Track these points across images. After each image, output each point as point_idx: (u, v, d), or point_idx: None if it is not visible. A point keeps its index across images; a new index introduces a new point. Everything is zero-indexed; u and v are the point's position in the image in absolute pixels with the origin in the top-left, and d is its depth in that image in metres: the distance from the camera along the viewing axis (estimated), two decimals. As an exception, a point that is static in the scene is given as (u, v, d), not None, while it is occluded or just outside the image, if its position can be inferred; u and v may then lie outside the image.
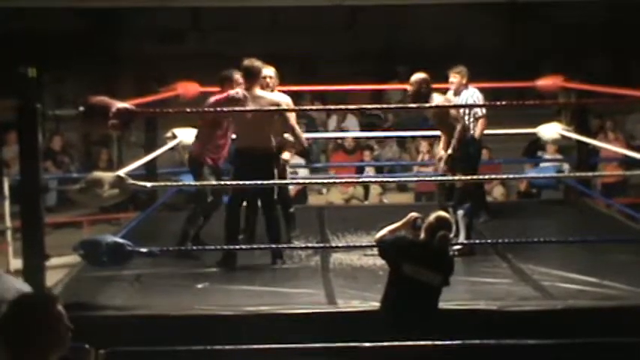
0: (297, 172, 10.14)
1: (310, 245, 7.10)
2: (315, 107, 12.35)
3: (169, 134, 7.83)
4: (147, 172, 8.15)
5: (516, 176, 10.80)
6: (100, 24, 13.71)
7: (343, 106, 10.70)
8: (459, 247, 6.47)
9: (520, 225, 7.78)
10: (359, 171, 11.97)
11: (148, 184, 6.06)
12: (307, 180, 10.91)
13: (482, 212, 7.89)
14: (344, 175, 11.48)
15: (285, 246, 6.73)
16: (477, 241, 6.64)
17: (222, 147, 6.87)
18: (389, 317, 5.00)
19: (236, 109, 6.36)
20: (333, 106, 11.02)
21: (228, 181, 6.78)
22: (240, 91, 6.48)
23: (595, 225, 7.89)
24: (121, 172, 5.68)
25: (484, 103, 7.65)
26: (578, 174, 9.38)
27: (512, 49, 14.03)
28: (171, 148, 7.93)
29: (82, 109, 5.67)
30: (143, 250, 5.61)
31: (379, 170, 12.22)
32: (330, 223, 8.00)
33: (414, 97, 6.69)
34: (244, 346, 4.70)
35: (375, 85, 12.69)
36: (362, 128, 13.35)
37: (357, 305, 5.37)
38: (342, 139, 12.61)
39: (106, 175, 5.56)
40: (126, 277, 6.10)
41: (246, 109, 6.38)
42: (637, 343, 4.77)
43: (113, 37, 13.99)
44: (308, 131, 10.67)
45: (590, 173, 9.62)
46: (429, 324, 4.86)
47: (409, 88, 6.77)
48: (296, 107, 7.28)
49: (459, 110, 7.14)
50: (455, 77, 7.66)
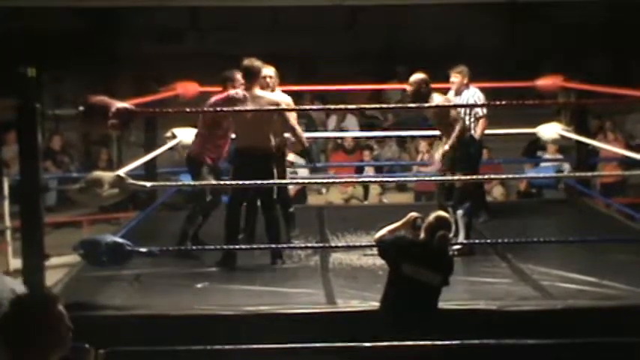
0: (297, 172, 10.14)
1: (310, 245, 7.10)
2: (315, 107, 12.34)
3: (169, 134, 7.82)
4: (146, 171, 8.15)
5: (516, 176, 10.80)
6: (98, 23, 13.69)
7: (343, 106, 10.68)
8: (459, 246, 6.46)
9: (520, 225, 7.78)
10: (358, 171, 11.97)
11: (148, 184, 6.05)
12: (307, 180, 10.90)
13: (482, 212, 7.89)
14: (343, 175, 11.47)
15: (284, 246, 6.72)
16: (477, 241, 6.64)
17: (222, 147, 6.86)
18: (388, 317, 5.00)
19: (235, 109, 6.36)
20: (332, 106, 11.00)
21: (228, 181, 6.78)
22: (240, 91, 6.48)
23: (594, 225, 7.89)
24: (121, 171, 5.68)
25: (483, 103, 7.64)
26: (578, 174, 9.38)
27: (513, 49, 14.01)
28: (171, 148, 7.93)
29: (81, 108, 5.67)
30: (143, 249, 5.61)
31: (379, 170, 12.21)
32: (329, 222, 7.99)
33: (414, 98, 6.68)
34: (244, 346, 4.70)
35: (374, 85, 12.68)
36: (361, 128, 13.35)
37: (356, 305, 5.37)
38: (342, 138, 12.61)
39: (106, 174, 5.56)
40: (125, 277, 6.10)
41: (246, 108, 6.37)
42: (637, 343, 4.77)
43: (112, 37, 13.97)
44: (307, 131, 10.66)
45: (589, 173, 9.63)
46: (429, 324, 4.86)
47: (408, 89, 6.77)
48: (296, 107, 7.25)
49: (459, 110, 7.14)
50: (456, 77, 7.65)
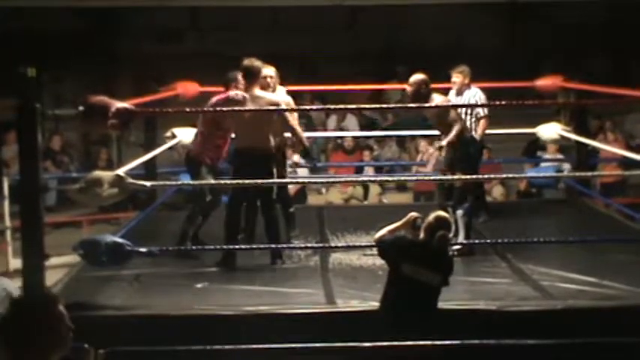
0: (297, 172, 10.13)
1: (310, 245, 7.10)
2: (315, 107, 12.35)
3: (169, 134, 7.82)
4: (146, 171, 8.16)
5: (516, 176, 10.80)
6: (99, 23, 13.70)
7: (343, 106, 10.68)
8: (459, 246, 6.46)
9: (520, 225, 7.78)
10: (358, 171, 11.97)
11: (148, 184, 6.05)
12: (307, 180, 10.90)
13: (482, 212, 7.88)
14: (343, 175, 11.46)
15: (284, 246, 6.72)
16: (477, 241, 6.64)
17: (222, 147, 6.86)
18: (388, 317, 5.00)
19: (234, 109, 6.36)
20: (332, 106, 11.00)
21: (227, 181, 6.78)
22: (239, 92, 6.48)
23: (594, 225, 7.88)
24: (121, 171, 5.67)
25: (483, 103, 7.63)
26: (577, 174, 9.38)
27: (512, 49, 14.02)
28: (171, 148, 7.93)
29: (81, 108, 5.67)
30: (142, 249, 5.60)
31: (378, 170, 12.22)
32: (329, 222, 7.99)
33: (414, 98, 6.67)
34: (244, 346, 4.70)
35: (374, 85, 12.68)
36: (361, 128, 13.35)
37: (356, 305, 5.36)
38: (342, 138, 12.61)
39: (106, 174, 5.55)
40: (125, 277, 6.10)
41: (245, 108, 6.37)
42: (637, 343, 4.77)
43: (112, 37, 13.98)
44: (307, 131, 10.67)
45: (589, 173, 9.63)
46: (429, 324, 4.86)
47: (408, 89, 6.76)
48: (296, 107, 7.25)
49: (459, 110, 7.13)
50: (457, 77, 7.65)
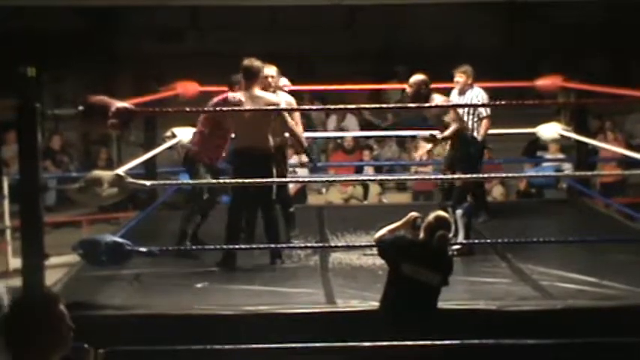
0: (297, 172, 10.13)
1: (309, 245, 7.10)
2: (315, 107, 12.35)
3: (169, 133, 7.82)
4: (146, 171, 8.16)
5: (516, 175, 10.79)
6: (99, 23, 13.70)
7: (343, 106, 10.68)
8: (458, 246, 6.46)
9: (519, 225, 7.78)
10: (358, 171, 11.97)
11: (148, 183, 6.05)
12: (307, 179, 10.90)
13: (482, 212, 7.88)
14: (343, 174, 11.46)
15: (284, 246, 6.72)
16: (477, 241, 6.64)
17: (221, 147, 6.86)
18: (388, 317, 5.00)
19: (233, 109, 6.36)
20: (332, 106, 10.99)
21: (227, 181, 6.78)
22: (238, 95, 6.48)
23: (594, 225, 7.89)
24: (121, 171, 5.67)
25: (483, 103, 7.63)
26: (577, 173, 9.38)
27: (511, 48, 14.03)
28: (171, 147, 7.93)
29: (81, 108, 5.67)
30: (142, 249, 5.60)
31: (378, 170, 12.21)
32: (329, 222, 7.99)
33: (414, 98, 6.67)
34: (244, 346, 4.71)
35: (374, 84, 12.68)
36: (361, 128, 13.35)
37: (356, 305, 5.37)
38: (342, 138, 12.61)
39: (106, 174, 5.55)
40: (125, 277, 6.10)
41: (243, 108, 6.37)
42: (636, 343, 4.78)
43: (112, 36, 13.98)
44: (307, 131, 10.66)
45: (588, 173, 9.63)
46: (428, 324, 4.86)
47: (408, 90, 6.75)
48: (295, 107, 7.24)
49: (459, 111, 7.12)
50: (460, 77, 7.64)
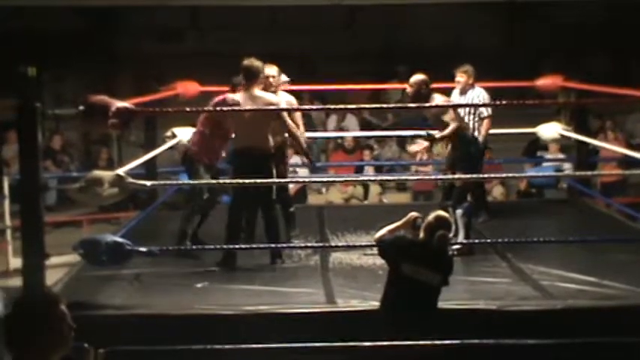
0: (297, 172, 10.13)
1: (310, 245, 7.09)
2: (315, 107, 12.35)
3: (169, 133, 7.82)
4: (146, 171, 8.15)
5: (516, 175, 10.79)
6: (99, 23, 13.70)
7: (343, 106, 10.68)
8: (458, 246, 6.46)
9: (520, 225, 7.77)
10: (358, 170, 11.97)
11: (148, 183, 6.06)
12: (307, 179, 10.90)
13: (482, 212, 7.88)
14: (343, 174, 11.46)
15: (284, 245, 6.72)
16: (477, 241, 6.64)
17: (220, 147, 6.87)
18: (388, 317, 5.00)
19: (233, 109, 6.36)
20: (332, 106, 10.99)
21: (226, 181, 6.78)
22: (236, 96, 6.48)
23: (594, 224, 7.89)
24: (121, 171, 5.67)
25: (484, 103, 7.63)
26: (577, 173, 9.37)
27: (511, 48, 14.03)
28: (171, 147, 7.93)
29: (81, 108, 5.68)
30: (143, 249, 5.60)
31: (379, 170, 12.21)
32: (329, 222, 7.99)
33: (414, 98, 6.66)
34: (244, 346, 4.71)
35: (374, 84, 12.68)
36: (362, 128, 13.35)
37: (356, 305, 5.37)
38: (342, 138, 12.61)
39: (106, 174, 5.56)
40: (125, 277, 6.10)
41: (242, 108, 6.37)
42: (637, 343, 4.78)
43: (112, 36, 13.99)
44: (307, 131, 10.65)
45: (589, 172, 9.62)
46: (429, 323, 4.86)
47: (409, 90, 6.75)
48: (295, 107, 7.24)
49: (458, 111, 7.12)
50: (462, 76, 7.64)
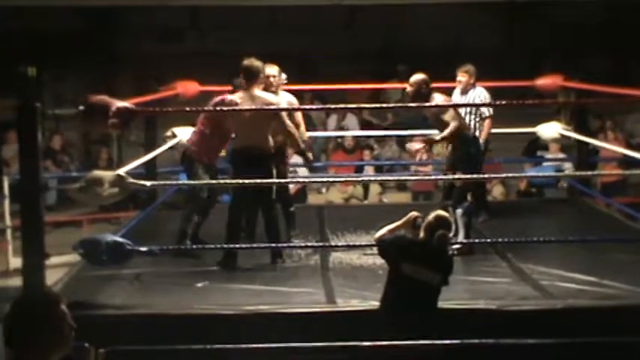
0: (297, 172, 10.13)
1: (310, 244, 7.09)
2: (315, 107, 12.35)
3: (169, 133, 7.81)
4: (147, 171, 8.15)
5: (516, 175, 10.79)
6: (99, 23, 13.70)
7: (343, 106, 10.67)
8: (458, 246, 6.46)
9: (520, 224, 7.77)
10: (358, 170, 11.96)
11: (148, 183, 6.06)
12: (307, 179, 10.90)
13: (482, 212, 7.88)
14: (343, 174, 11.46)
15: (284, 245, 6.72)
16: (477, 241, 6.64)
17: (220, 147, 6.87)
18: (388, 316, 5.01)
19: (233, 108, 6.36)
20: (332, 106, 10.98)
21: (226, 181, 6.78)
22: (235, 97, 6.48)
23: (595, 224, 7.89)
24: (121, 170, 5.67)
25: (484, 103, 7.63)
26: (577, 173, 9.37)
27: (511, 48, 14.03)
28: (171, 147, 7.93)
29: (82, 108, 5.68)
30: (143, 249, 5.61)
31: (379, 169, 12.21)
32: (329, 222, 7.99)
33: (414, 98, 6.66)
34: (244, 345, 4.71)
35: (374, 84, 12.68)
36: (362, 127, 13.35)
37: (356, 304, 5.36)
38: (342, 138, 12.60)
39: (106, 174, 5.56)
40: (126, 276, 6.10)
41: (242, 108, 6.37)
42: (637, 343, 4.78)
43: (112, 36, 13.99)
44: (307, 130, 10.65)
45: (589, 172, 9.62)
46: (429, 323, 4.87)
47: (409, 89, 6.75)
48: (295, 107, 7.23)
49: (460, 110, 7.12)
50: (463, 76, 7.64)
